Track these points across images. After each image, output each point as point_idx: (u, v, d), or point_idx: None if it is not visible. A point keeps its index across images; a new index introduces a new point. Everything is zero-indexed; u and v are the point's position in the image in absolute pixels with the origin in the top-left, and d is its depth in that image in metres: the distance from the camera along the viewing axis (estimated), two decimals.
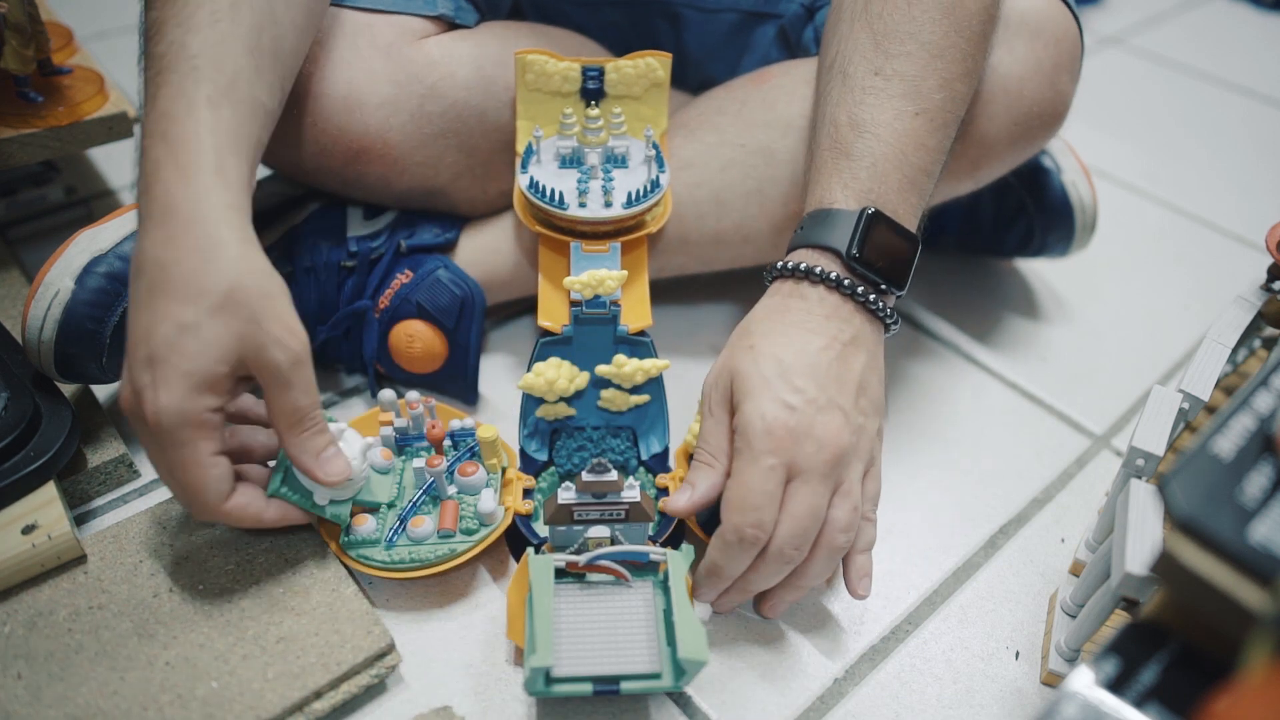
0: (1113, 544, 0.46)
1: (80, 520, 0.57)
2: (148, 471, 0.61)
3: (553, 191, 0.59)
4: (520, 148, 0.64)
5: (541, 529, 0.53)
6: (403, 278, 0.64)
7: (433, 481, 0.54)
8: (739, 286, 0.77)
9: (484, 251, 0.68)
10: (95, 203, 0.84)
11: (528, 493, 0.56)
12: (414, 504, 0.54)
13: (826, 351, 0.49)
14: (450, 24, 0.65)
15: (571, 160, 0.63)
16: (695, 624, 0.46)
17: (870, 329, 0.51)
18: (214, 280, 0.43)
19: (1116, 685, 0.32)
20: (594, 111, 0.64)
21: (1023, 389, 0.73)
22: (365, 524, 0.52)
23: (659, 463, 0.58)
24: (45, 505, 0.51)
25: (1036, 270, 0.85)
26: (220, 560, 0.52)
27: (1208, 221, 0.96)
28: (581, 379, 0.57)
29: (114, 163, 0.90)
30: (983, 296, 0.82)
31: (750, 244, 0.67)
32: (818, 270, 0.50)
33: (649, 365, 0.56)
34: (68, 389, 0.61)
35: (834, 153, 0.52)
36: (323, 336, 0.64)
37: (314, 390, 0.47)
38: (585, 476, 0.50)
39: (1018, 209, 0.77)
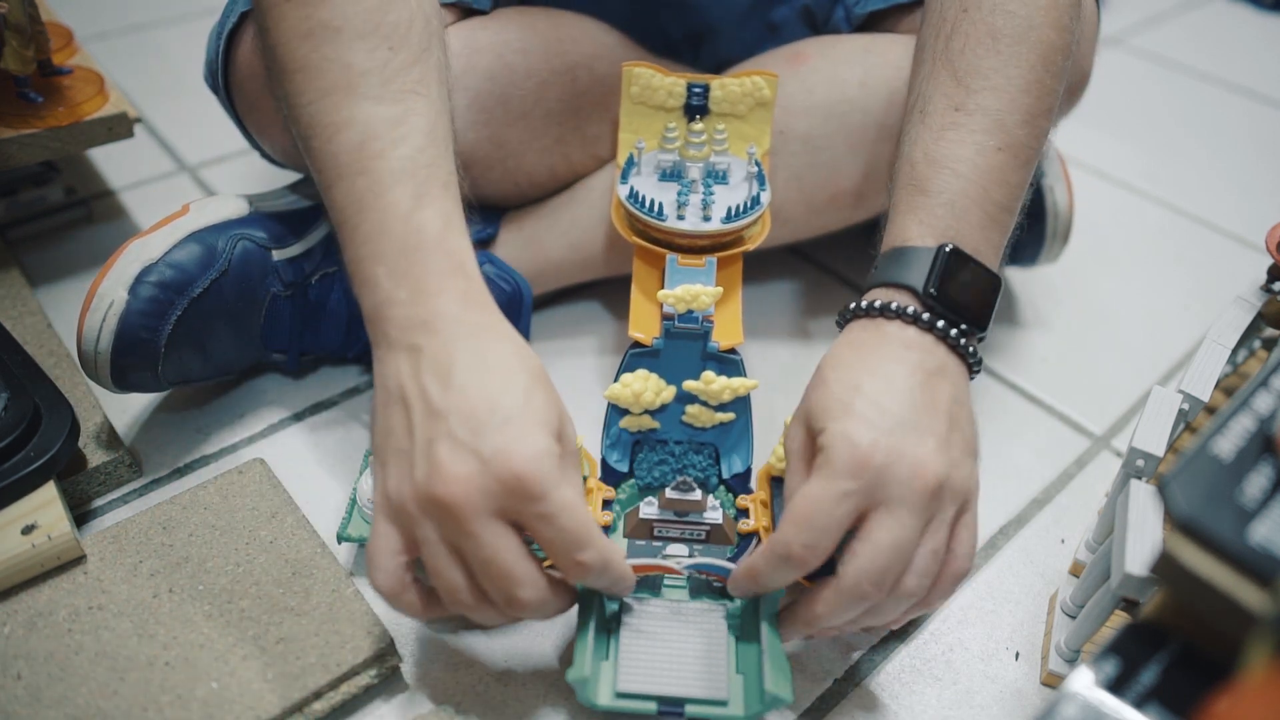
0: (1113, 544, 0.46)
1: (80, 520, 0.57)
2: (148, 471, 0.61)
3: (652, 202, 0.59)
4: (621, 159, 0.64)
5: (620, 541, 0.53)
6: None
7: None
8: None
9: (527, 246, 0.68)
10: (95, 203, 0.84)
11: (607, 503, 0.55)
12: None
13: (911, 378, 0.45)
14: (465, 10, 0.65)
15: (672, 174, 0.63)
16: (783, 659, 0.45)
17: (955, 365, 0.47)
18: (530, 360, 0.44)
19: (1116, 686, 0.32)
20: (697, 126, 0.64)
21: (1022, 389, 0.73)
22: None
23: (740, 483, 0.57)
24: (45, 505, 0.51)
25: (1036, 270, 0.85)
26: (220, 560, 0.52)
27: (1208, 221, 0.96)
28: (668, 393, 0.56)
29: (114, 163, 0.90)
30: None
31: (787, 225, 0.67)
32: (894, 306, 0.47)
33: (737, 384, 0.55)
34: (67, 389, 0.61)
35: (910, 190, 0.50)
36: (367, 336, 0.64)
37: None
38: (669, 494, 0.49)
39: None
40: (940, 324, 0.46)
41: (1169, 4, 1.47)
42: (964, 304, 0.47)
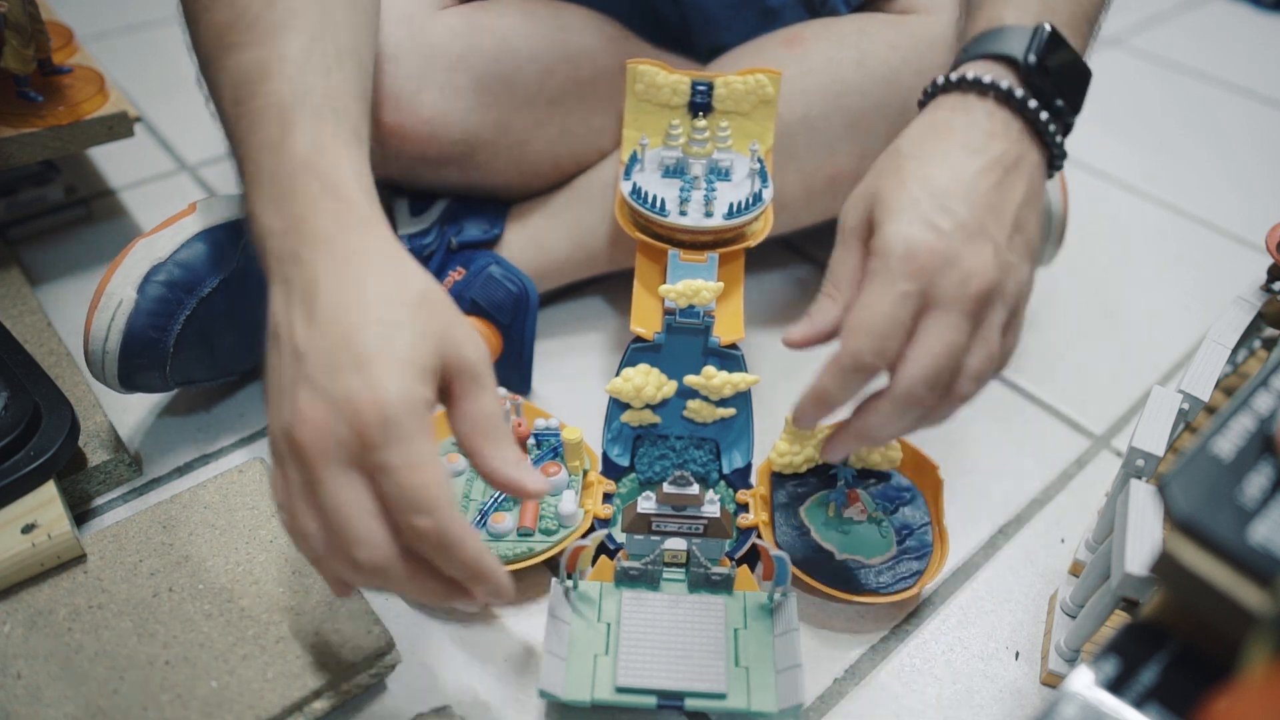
0: (1112, 544, 0.46)
1: (80, 520, 0.57)
2: (148, 470, 0.61)
3: (655, 198, 0.59)
4: (625, 156, 0.64)
5: (619, 535, 0.54)
6: (455, 275, 0.65)
7: None
8: None
9: (531, 245, 0.68)
10: (95, 203, 0.84)
11: (608, 497, 0.56)
12: (495, 500, 0.54)
13: (986, 175, 0.44)
14: None
15: (675, 170, 0.63)
16: (797, 671, 0.46)
17: (1035, 157, 0.46)
18: (408, 287, 0.40)
19: (1116, 685, 0.32)
20: (701, 123, 0.64)
21: (1022, 389, 0.73)
22: None
23: (740, 478, 0.57)
24: (45, 505, 0.51)
25: (1036, 270, 0.85)
26: (220, 560, 0.52)
27: (1208, 221, 0.96)
28: (669, 387, 0.57)
29: (114, 163, 0.90)
30: None
31: (786, 211, 0.67)
32: (988, 80, 0.45)
33: (738, 379, 0.56)
34: (67, 389, 0.61)
35: None
36: None
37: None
38: (667, 488, 0.50)
39: None
40: (1033, 104, 0.46)
41: (1169, 4, 1.47)
42: (1062, 79, 0.46)
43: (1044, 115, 0.46)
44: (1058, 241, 0.75)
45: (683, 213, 0.59)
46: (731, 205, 0.60)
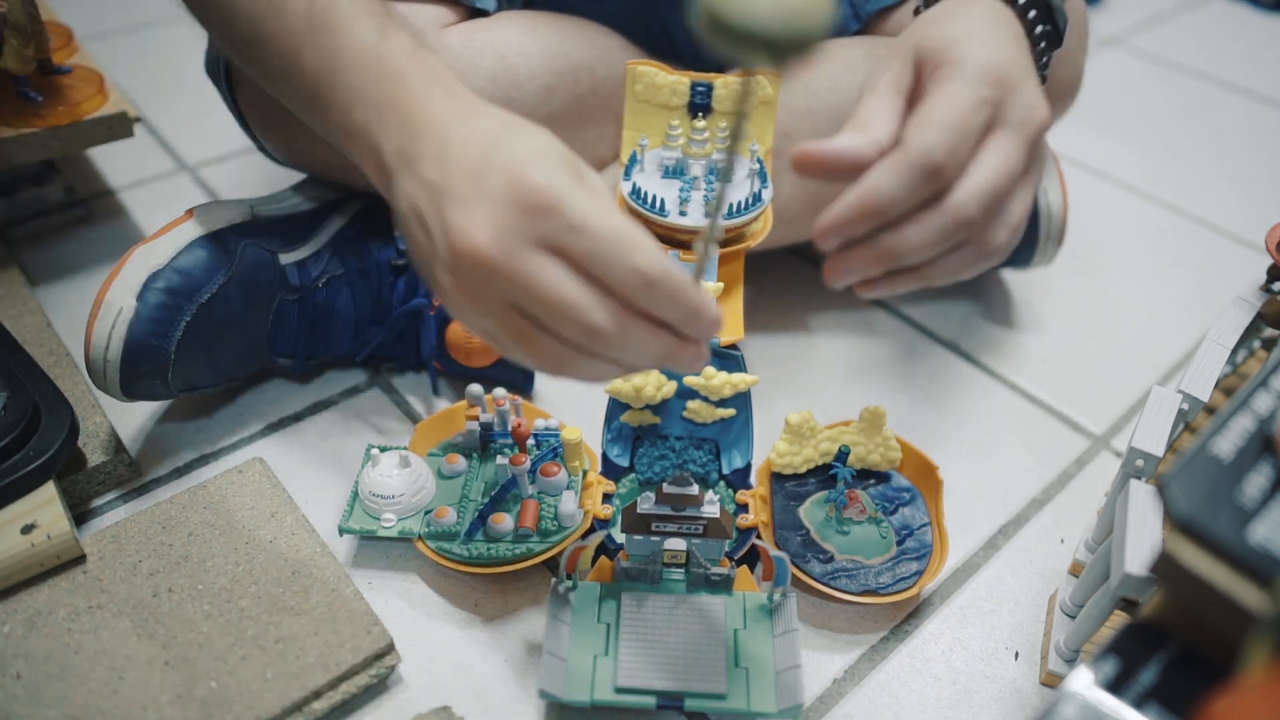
0: (1112, 544, 0.46)
1: (80, 520, 0.57)
2: (148, 470, 0.61)
3: (655, 198, 0.59)
4: (624, 156, 0.64)
5: (618, 535, 0.54)
6: None
7: (514, 478, 0.55)
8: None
9: None
10: (95, 203, 0.84)
11: (607, 497, 0.56)
12: (496, 500, 0.55)
13: (1017, 42, 0.43)
14: (469, 11, 0.65)
15: (675, 171, 0.63)
16: (796, 672, 0.46)
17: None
18: (530, 125, 0.40)
19: (1116, 686, 0.32)
20: (700, 124, 0.64)
21: (1022, 389, 0.73)
22: (446, 516, 0.53)
23: (740, 478, 0.57)
24: (45, 505, 0.51)
25: (1036, 270, 0.85)
26: (220, 560, 0.52)
27: (1208, 221, 0.96)
28: (669, 388, 0.57)
29: (114, 162, 0.90)
30: (982, 297, 0.82)
31: (792, 225, 0.68)
32: None
33: (738, 379, 0.56)
34: (66, 389, 0.61)
35: None
36: (378, 340, 0.65)
37: None
38: (666, 488, 0.50)
39: None
40: (1032, 14, 0.46)
41: (1169, 4, 1.47)
42: (1054, 7, 0.47)
43: (1038, 30, 0.47)
44: (1058, 241, 0.75)
45: (682, 213, 0.59)
46: (731, 205, 0.60)
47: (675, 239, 0.60)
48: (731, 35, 0.28)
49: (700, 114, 0.65)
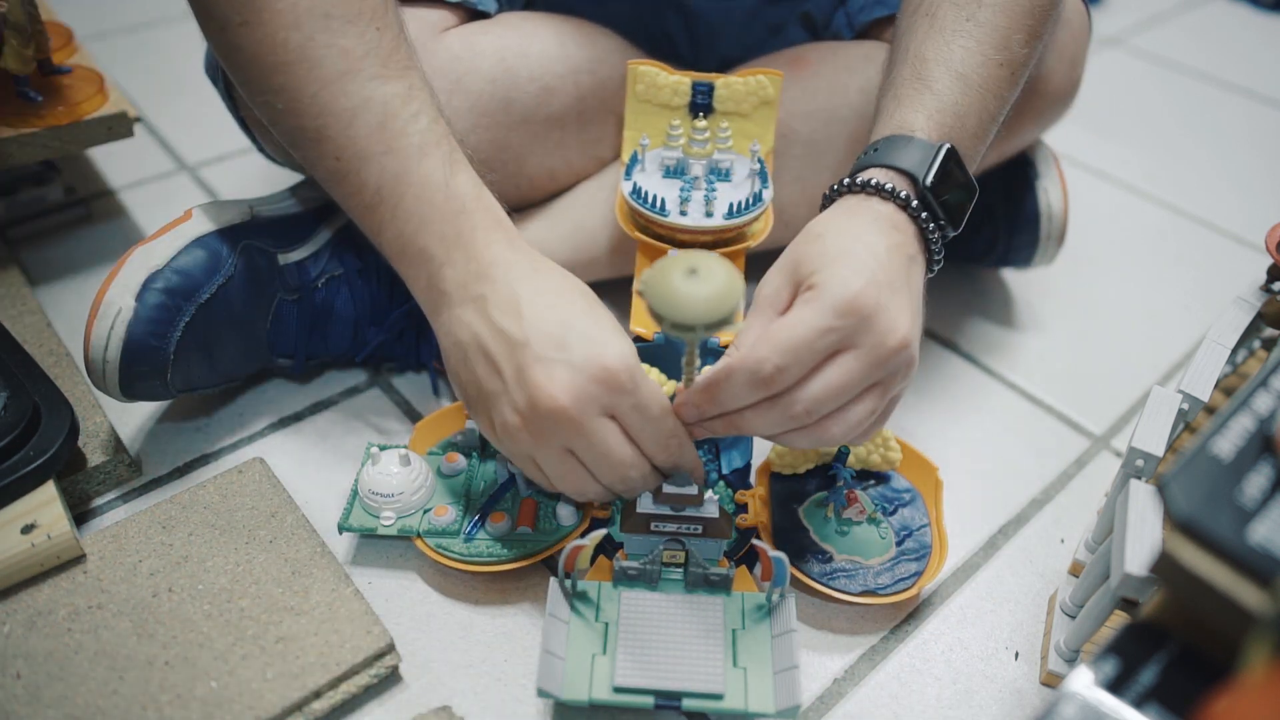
0: (1112, 544, 0.46)
1: (80, 520, 0.57)
2: (148, 470, 0.61)
3: (655, 198, 0.59)
4: (625, 156, 0.64)
5: (617, 534, 0.54)
6: None
7: (513, 478, 0.55)
8: None
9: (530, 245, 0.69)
10: (95, 203, 0.84)
11: None
12: (495, 499, 0.55)
13: (895, 253, 0.47)
14: (470, 13, 0.65)
15: (676, 171, 0.63)
16: (794, 672, 0.46)
17: (922, 261, 0.50)
18: (582, 287, 0.49)
19: (1116, 686, 0.32)
20: (701, 124, 0.64)
21: (1022, 389, 0.73)
22: (445, 515, 0.54)
23: (739, 478, 0.57)
24: (45, 505, 0.51)
25: (1036, 270, 0.85)
26: (220, 560, 0.52)
27: (1208, 221, 0.96)
28: (669, 387, 0.57)
29: (114, 162, 0.90)
30: (982, 297, 0.82)
31: (790, 227, 0.67)
32: (889, 187, 0.48)
33: None
34: (66, 389, 0.61)
35: (917, 85, 0.52)
36: (377, 340, 0.65)
37: None
38: (665, 488, 0.50)
39: (986, 213, 0.76)
40: (924, 215, 0.49)
41: (1169, 4, 1.47)
42: (950, 203, 0.50)
43: (931, 226, 0.49)
44: (1058, 241, 0.75)
45: (683, 213, 0.59)
46: (731, 205, 0.60)
47: (676, 239, 0.60)
48: (670, 325, 0.41)
49: (701, 114, 0.65)
